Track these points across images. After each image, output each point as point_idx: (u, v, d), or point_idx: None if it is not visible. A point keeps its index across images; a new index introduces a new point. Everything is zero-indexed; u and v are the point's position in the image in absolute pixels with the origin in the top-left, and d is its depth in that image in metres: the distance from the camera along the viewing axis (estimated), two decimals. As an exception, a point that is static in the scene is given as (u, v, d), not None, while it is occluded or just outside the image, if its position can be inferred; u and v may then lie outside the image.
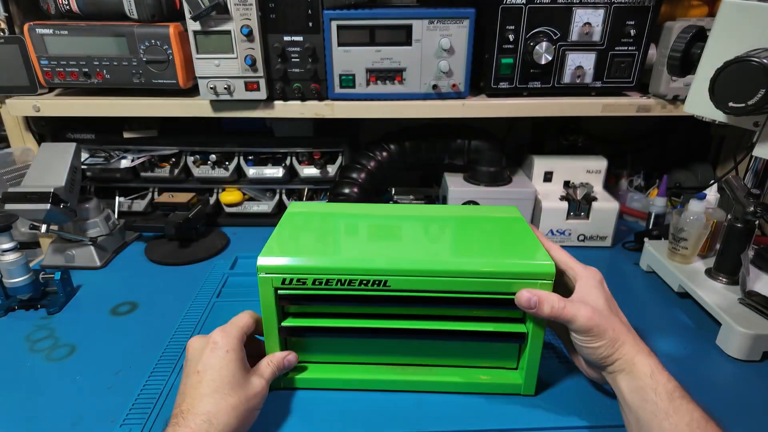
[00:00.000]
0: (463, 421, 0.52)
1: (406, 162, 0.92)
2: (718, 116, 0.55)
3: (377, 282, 0.51)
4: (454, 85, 0.82)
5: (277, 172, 0.96)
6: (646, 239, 0.83)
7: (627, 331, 0.48)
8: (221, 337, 0.49)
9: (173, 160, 0.96)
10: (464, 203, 0.89)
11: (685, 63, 0.58)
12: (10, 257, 0.68)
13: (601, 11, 0.77)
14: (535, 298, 0.49)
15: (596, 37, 0.79)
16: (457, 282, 0.51)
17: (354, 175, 0.89)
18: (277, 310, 0.52)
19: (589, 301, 0.49)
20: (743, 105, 0.49)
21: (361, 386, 0.56)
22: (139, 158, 0.94)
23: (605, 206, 0.86)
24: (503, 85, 0.83)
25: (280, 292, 0.52)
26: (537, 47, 0.78)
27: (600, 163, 0.90)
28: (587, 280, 0.51)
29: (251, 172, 0.96)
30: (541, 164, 0.91)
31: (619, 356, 0.47)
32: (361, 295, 0.52)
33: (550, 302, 0.48)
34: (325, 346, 0.58)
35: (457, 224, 0.63)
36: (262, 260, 0.51)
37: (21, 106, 0.85)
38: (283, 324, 0.54)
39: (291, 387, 0.56)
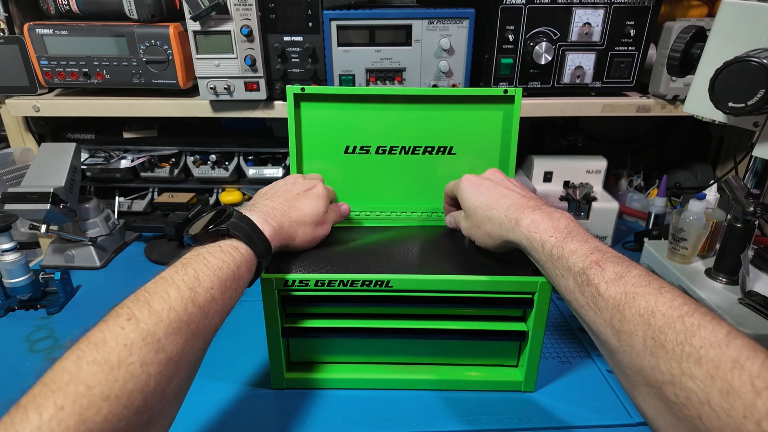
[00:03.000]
0: (464, 419, 0.52)
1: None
2: (718, 116, 0.55)
3: (380, 282, 0.51)
4: (453, 85, 0.82)
5: (277, 172, 0.96)
6: (645, 239, 0.83)
7: (500, 221, 0.48)
8: (323, 188, 0.57)
9: (173, 160, 0.96)
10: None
11: (684, 63, 0.58)
12: (10, 257, 0.68)
13: (601, 11, 0.77)
14: (452, 219, 0.61)
15: (596, 37, 0.79)
16: (459, 282, 0.51)
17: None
18: (279, 311, 0.53)
19: (468, 207, 0.53)
20: (743, 105, 0.49)
21: (362, 385, 0.57)
22: (138, 158, 0.94)
23: (605, 206, 0.86)
24: (503, 85, 0.83)
25: (282, 293, 0.52)
26: (537, 47, 0.78)
27: (600, 163, 0.90)
28: (460, 191, 0.55)
29: (251, 172, 0.96)
30: (540, 164, 0.91)
31: (506, 239, 0.48)
32: (364, 296, 0.52)
33: (456, 220, 0.58)
34: (327, 347, 0.58)
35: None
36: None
37: (21, 106, 0.85)
38: (285, 325, 0.54)
39: (293, 387, 0.57)
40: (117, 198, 0.96)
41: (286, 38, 0.79)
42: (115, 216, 0.91)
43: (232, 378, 0.58)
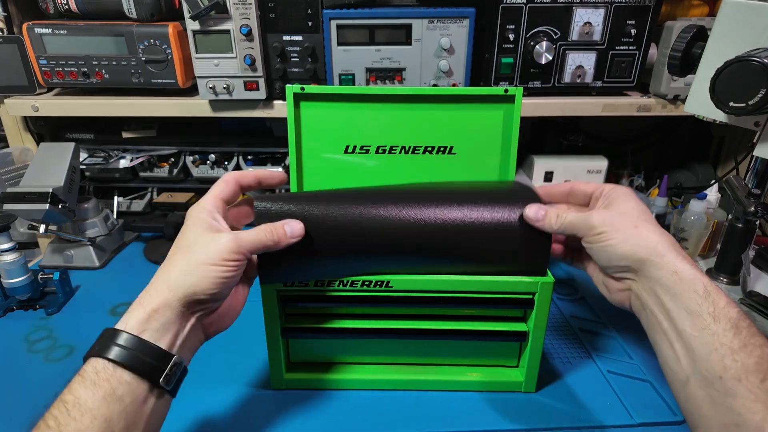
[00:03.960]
0: (464, 420, 0.52)
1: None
2: (719, 116, 0.55)
3: (380, 283, 0.51)
4: (453, 85, 0.82)
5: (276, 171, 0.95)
6: (646, 239, 0.83)
7: (663, 236, 0.41)
8: (189, 210, 0.45)
9: (172, 159, 0.96)
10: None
11: (685, 63, 0.58)
12: (9, 257, 0.68)
13: (602, 11, 0.77)
14: (542, 212, 0.46)
15: (596, 37, 0.79)
16: (459, 282, 0.51)
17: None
18: (279, 311, 0.52)
19: (635, 206, 0.45)
20: (744, 105, 0.49)
21: (362, 386, 0.56)
22: (138, 158, 0.94)
23: (605, 206, 0.86)
24: (503, 84, 0.83)
25: (282, 293, 0.52)
26: (537, 47, 0.78)
27: (600, 163, 0.90)
28: (612, 191, 0.47)
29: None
30: (541, 164, 0.91)
31: (652, 257, 0.40)
32: (364, 296, 0.52)
33: (556, 211, 0.46)
34: (327, 347, 0.58)
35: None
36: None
37: (20, 106, 0.85)
38: (285, 325, 0.54)
39: (293, 387, 0.56)
40: (116, 198, 0.96)
41: (285, 37, 0.78)
42: (114, 216, 0.91)
43: (232, 378, 0.58)
